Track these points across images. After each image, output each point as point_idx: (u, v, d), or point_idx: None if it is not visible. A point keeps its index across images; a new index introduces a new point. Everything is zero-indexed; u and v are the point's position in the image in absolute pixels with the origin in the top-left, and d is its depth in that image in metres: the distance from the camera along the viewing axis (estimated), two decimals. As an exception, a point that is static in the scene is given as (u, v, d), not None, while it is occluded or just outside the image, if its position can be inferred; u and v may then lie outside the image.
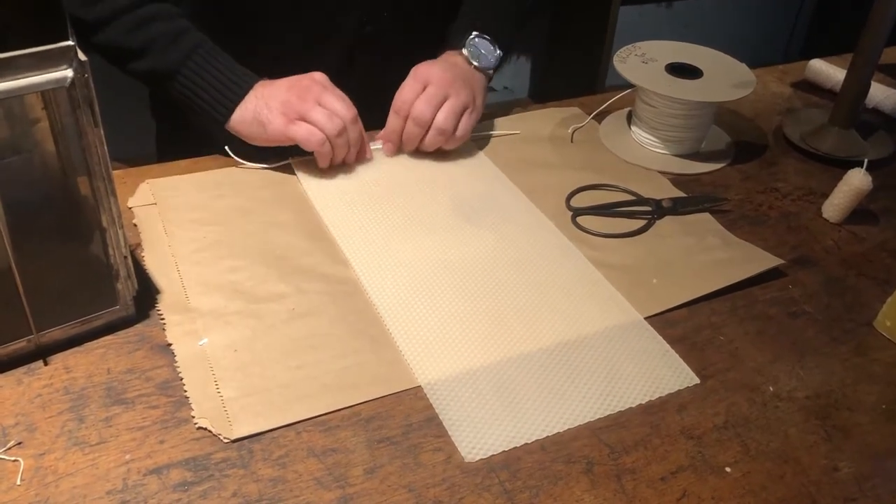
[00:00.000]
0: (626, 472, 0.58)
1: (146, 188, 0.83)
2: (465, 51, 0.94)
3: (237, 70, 0.87)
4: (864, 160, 0.85)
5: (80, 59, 0.55)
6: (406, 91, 0.88)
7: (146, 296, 0.69)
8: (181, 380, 0.62)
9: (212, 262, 0.74)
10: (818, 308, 0.75)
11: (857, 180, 0.84)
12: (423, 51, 0.95)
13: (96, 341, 0.66)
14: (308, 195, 0.84)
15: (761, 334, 0.71)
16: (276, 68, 0.88)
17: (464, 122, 0.89)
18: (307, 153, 0.85)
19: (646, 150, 0.97)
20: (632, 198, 0.88)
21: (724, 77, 0.96)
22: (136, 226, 0.78)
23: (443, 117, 0.87)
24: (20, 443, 0.57)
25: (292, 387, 0.63)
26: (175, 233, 0.77)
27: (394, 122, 0.90)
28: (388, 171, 0.89)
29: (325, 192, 0.85)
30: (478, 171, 0.91)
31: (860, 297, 0.76)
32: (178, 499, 0.54)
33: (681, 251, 0.80)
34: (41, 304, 0.61)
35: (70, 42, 0.54)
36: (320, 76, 0.86)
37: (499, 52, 0.96)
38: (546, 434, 0.61)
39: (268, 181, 0.86)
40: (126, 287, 0.65)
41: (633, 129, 0.99)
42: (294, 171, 0.88)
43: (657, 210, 0.85)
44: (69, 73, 0.55)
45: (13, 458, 0.56)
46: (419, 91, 0.88)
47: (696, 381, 0.66)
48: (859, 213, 0.86)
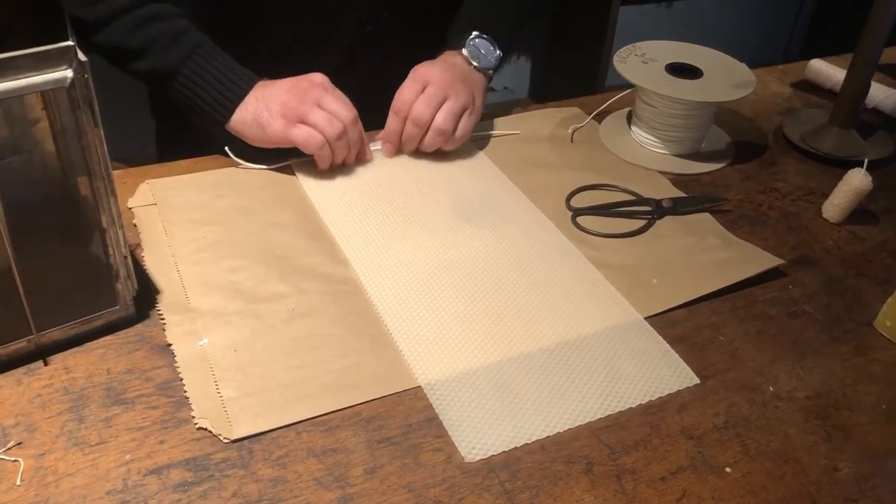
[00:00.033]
0: (626, 473, 0.58)
1: (146, 188, 0.83)
2: (465, 51, 0.93)
3: (237, 70, 0.87)
4: (864, 160, 0.85)
5: (79, 60, 0.55)
6: (405, 92, 0.88)
7: (146, 296, 0.69)
8: (181, 380, 0.62)
9: (212, 263, 0.74)
10: (818, 308, 0.75)
11: (857, 180, 0.84)
12: (423, 51, 0.95)
13: (96, 341, 0.66)
14: (308, 195, 0.84)
15: (761, 334, 0.71)
16: (276, 68, 0.88)
17: (463, 122, 0.89)
18: (307, 155, 0.86)
19: (646, 150, 0.97)
20: (632, 198, 0.88)
21: (724, 77, 0.96)
22: (135, 226, 0.78)
23: (442, 118, 0.87)
24: (20, 443, 0.57)
25: (292, 387, 0.63)
26: (175, 233, 0.77)
27: (393, 122, 0.89)
28: (388, 171, 0.89)
29: (325, 192, 0.85)
30: (478, 171, 0.91)
31: (860, 297, 0.76)
32: (178, 499, 0.54)
33: (681, 251, 0.80)
34: (41, 304, 0.61)
35: (70, 42, 0.54)
36: (320, 77, 0.86)
37: (498, 53, 0.95)
38: (546, 434, 0.61)
39: (268, 181, 0.86)
40: (126, 287, 0.65)
41: (633, 129, 0.99)
42: (294, 172, 0.88)
43: (657, 210, 0.85)
44: (69, 74, 0.55)
45: (13, 459, 0.56)
46: (418, 92, 0.88)
47: (696, 381, 0.66)
48: (859, 213, 0.86)
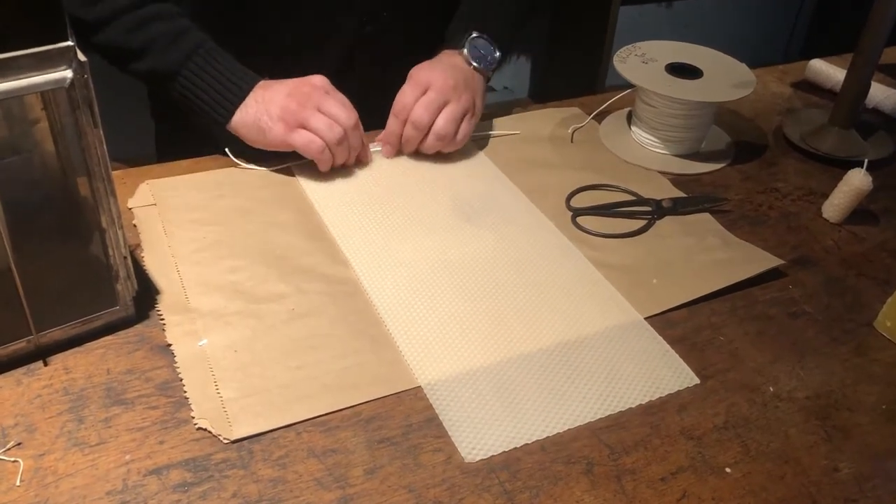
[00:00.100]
0: (626, 473, 0.58)
1: (146, 189, 0.83)
2: (465, 51, 0.93)
3: (237, 70, 0.87)
4: (864, 160, 0.85)
5: (79, 60, 0.55)
6: (406, 95, 0.88)
7: (146, 296, 0.69)
8: (181, 380, 0.62)
9: (212, 263, 0.74)
10: (818, 308, 0.75)
11: (857, 180, 0.84)
12: (423, 51, 0.95)
13: (96, 342, 0.65)
14: (308, 195, 0.84)
15: (761, 334, 0.71)
16: (276, 68, 0.88)
17: (464, 126, 0.89)
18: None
19: (646, 150, 0.97)
20: (632, 198, 0.87)
21: (724, 77, 0.96)
22: (135, 226, 0.78)
23: (443, 122, 0.87)
24: (20, 443, 0.57)
25: (292, 387, 0.63)
26: (175, 233, 0.77)
27: (393, 125, 0.89)
28: (388, 172, 0.89)
29: (325, 192, 0.85)
30: (478, 171, 0.91)
31: (860, 298, 0.76)
32: (177, 499, 0.54)
33: (681, 251, 0.80)
34: (41, 304, 0.61)
35: (70, 42, 0.54)
36: (321, 80, 0.86)
37: (498, 53, 0.95)
38: (546, 434, 0.61)
39: (268, 181, 0.86)
40: (126, 287, 0.65)
41: (633, 129, 0.99)
42: (294, 173, 0.88)
43: (657, 210, 0.85)
44: (69, 74, 0.55)
45: (13, 459, 0.56)
46: (419, 95, 0.88)
47: (696, 381, 0.66)
48: (859, 213, 0.86)
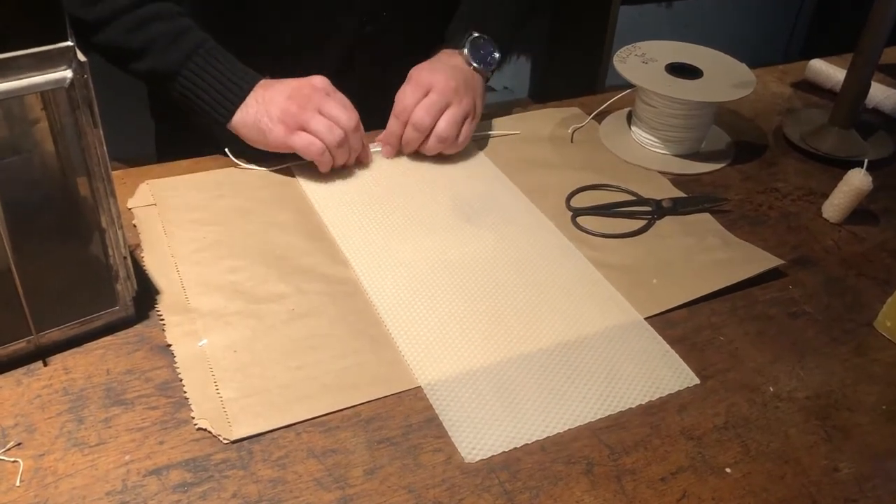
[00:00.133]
0: (626, 473, 0.58)
1: (146, 189, 0.83)
2: (465, 51, 0.93)
3: (238, 70, 0.86)
4: (864, 160, 0.85)
5: (79, 60, 0.55)
6: (407, 97, 0.88)
7: (146, 296, 0.69)
8: (181, 380, 0.62)
9: (212, 263, 0.74)
10: (818, 308, 0.75)
11: (857, 180, 0.84)
12: (423, 51, 0.95)
13: (96, 342, 0.65)
14: (308, 195, 0.84)
15: (761, 335, 0.71)
16: (276, 68, 0.88)
17: (465, 129, 0.89)
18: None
19: (646, 150, 0.97)
20: (632, 198, 0.87)
21: (724, 77, 0.96)
22: (135, 226, 0.78)
23: (445, 126, 0.87)
24: (20, 444, 0.57)
25: (292, 387, 0.63)
26: (175, 233, 0.77)
27: (394, 126, 0.89)
28: (388, 172, 0.89)
29: (324, 192, 0.85)
30: (478, 172, 0.91)
31: (860, 298, 0.76)
32: (177, 500, 0.54)
33: (681, 251, 0.80)
34: (41, 304, 0.61)
35: (69, 42, 0.54)
36: (321, 81, 0.86)
37: (498, 53, 0.95)
38: (546, 435, 0.61)
39: (268, 181, 0.86)
40: (125, 288, 0.65)
41: (633, 129, 0.99)
42: (294, 173, 0.87)
43: (657, 210, 0.85)
44: (68, 74, 0.55)
45: (12, 459, 0.56)
46: (420, 97, 0.88)
47: (696, 381, 0.66)
48: (859, 213, 0.86)
